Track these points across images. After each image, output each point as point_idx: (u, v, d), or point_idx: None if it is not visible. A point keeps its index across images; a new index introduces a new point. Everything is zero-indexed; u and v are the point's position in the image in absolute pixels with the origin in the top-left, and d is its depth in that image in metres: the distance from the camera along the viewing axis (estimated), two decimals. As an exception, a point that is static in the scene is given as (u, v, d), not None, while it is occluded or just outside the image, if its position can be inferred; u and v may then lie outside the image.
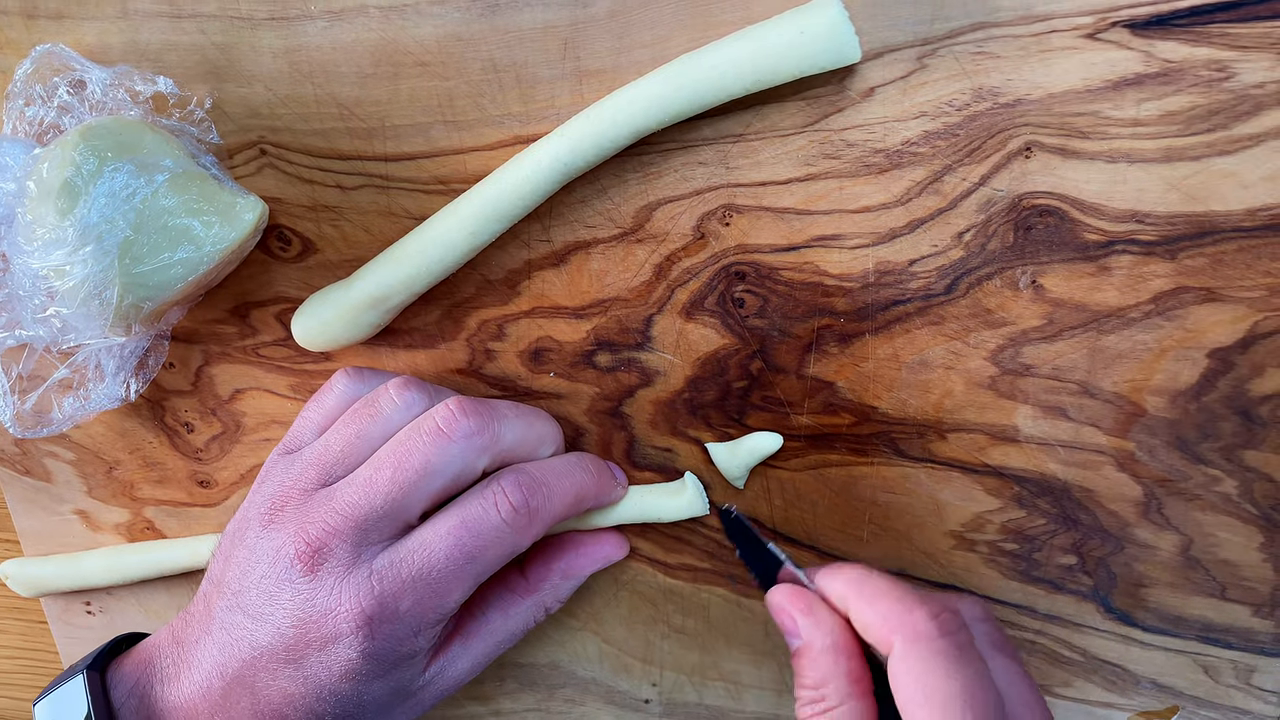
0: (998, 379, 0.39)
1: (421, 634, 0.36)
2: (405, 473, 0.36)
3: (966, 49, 0.34)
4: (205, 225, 0.38)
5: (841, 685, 0.33)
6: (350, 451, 0.38)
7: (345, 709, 0.36)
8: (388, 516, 0.36)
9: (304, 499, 0.37)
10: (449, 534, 0.36)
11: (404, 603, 0.35)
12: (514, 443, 0.39)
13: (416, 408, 0.39)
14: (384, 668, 0.36)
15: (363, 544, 0.36)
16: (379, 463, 0.37)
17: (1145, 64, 0.34)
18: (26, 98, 0.40)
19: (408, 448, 0.36)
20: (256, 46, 0.39)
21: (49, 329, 0.39)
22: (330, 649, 0.35)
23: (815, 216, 0.38)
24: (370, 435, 0.38)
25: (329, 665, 0.35)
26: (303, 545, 0.35)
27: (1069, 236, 0.36)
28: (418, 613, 0.36)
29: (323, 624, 0.35)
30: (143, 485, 0.51)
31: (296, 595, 0.35)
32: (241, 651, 0.36)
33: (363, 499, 0.36)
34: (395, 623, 0.35)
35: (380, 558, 0.36)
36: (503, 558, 0.37)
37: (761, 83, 0.35)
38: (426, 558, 0.36)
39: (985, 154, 0.36)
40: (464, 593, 0.37)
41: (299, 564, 0.35)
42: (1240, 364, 0.37)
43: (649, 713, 0.50)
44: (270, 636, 0.36)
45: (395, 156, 0.40)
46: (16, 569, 0.54)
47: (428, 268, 0.40)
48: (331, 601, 0.35)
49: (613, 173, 0.39)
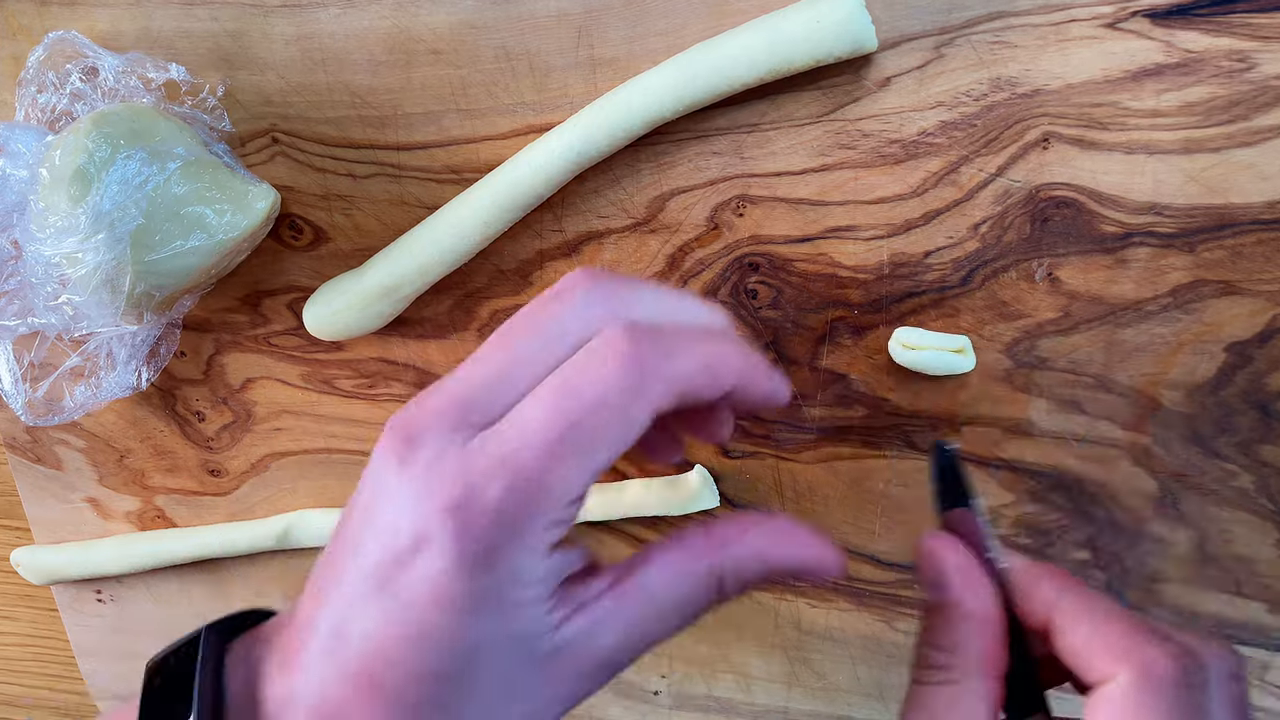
0: (1013, 372, 0.39)
1: (524, 539, 0.28)
2: (509, 341, 0.30)
3: (984, 38, 0.34)
4: (217, 213, 0.38)
5: (974, 660, 0.30)
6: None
7: (455, 664, 0.28)
8: (492, 389, 0.29)
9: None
10: (544, 398, 0.29)
11: (493, 488, 0.28)
12: (643, 304, 0.31)
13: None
14: (486, 592, 0.28)
15: (462, 426, 0.29)
16: (491, 338, 0.30)
17: (1165, 54, 0.33)
18: (39, 85, 0.40)
19: (516, 318, 0.30)
20: (269, 34, 0.39)
21: (61, 316, 0.39)
22: (418, 559, 0.28)
23: (830, 207, 0.38)
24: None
25: (418, 586, 0.28)
26: (396, 435, 0.29)
27: (1086, 228, 0.36)
28: (512, 503, 0.28)
29: (408, 527, 0.28)
30: (153, 474, 0.51)
31: (385, 498, 0.29)
32: (330, 595, 0.29)
33: (466, 371, 0.29)
34: (486, 515, 0.28)
35: (474, 440, 0.29)
36: (612, 435, 0.29)
37: (777, 72, 0.35)
38: (519, 430, 0.28)
39: (1002, 145, 0.35)
40: (570, 481, 0.28)
41: (392, 458, 0.29)
42: (1258, 358, 0.36)
43: (658, 704, 0.50)
44: (360, 560, 0.29)
45: (408, 145, 0.40)
46: (28, 557, 0.54)
47: (440, 257, 0.40)
48: (418, 495, 0.28)
49: (626, 162, 0.39)
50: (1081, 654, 0.29)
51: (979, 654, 0.30)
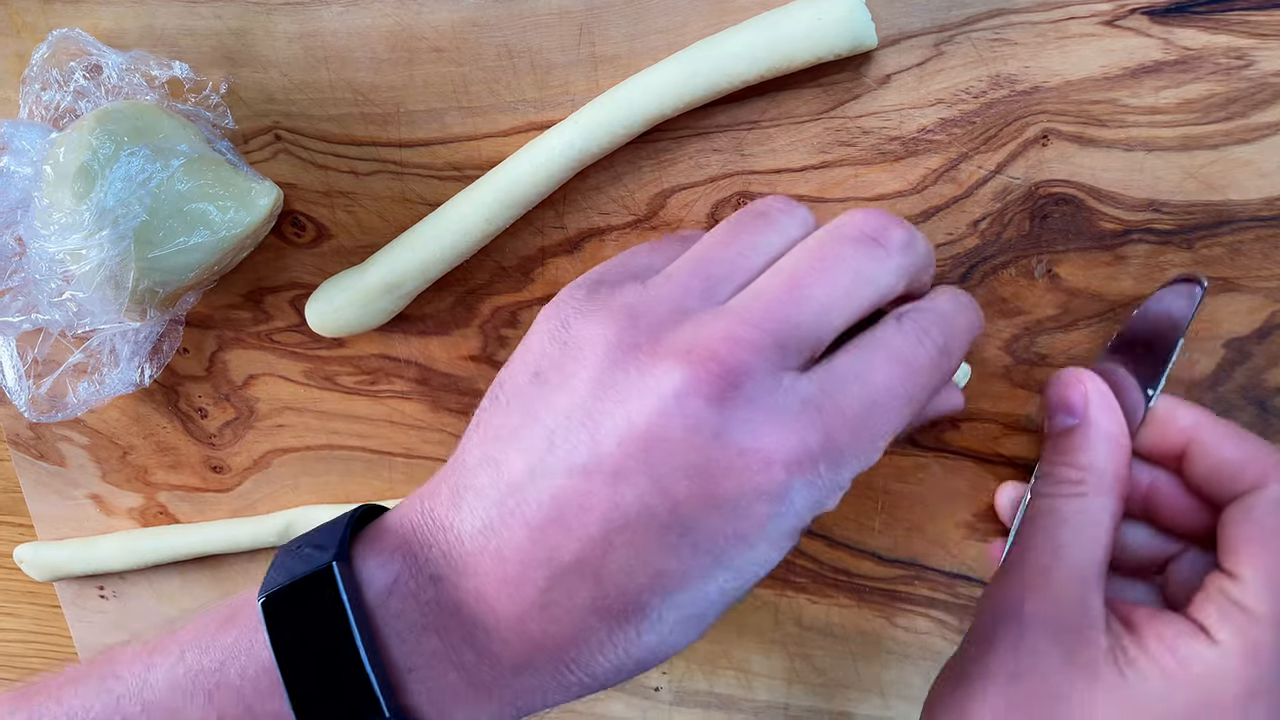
0: (1012, 369, 0.39)
1: (844, 486, 0.27)
2: (835, 280, 0.28)
3: (984, 36, 0.34)
4: (220, 210, 0.39)
5: (1107, 478, 0.33)
6: (743, 261, 0.29)
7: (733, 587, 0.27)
8: (811, 333, 0.27)
9: (681, 318, 0.27)
10: (884, 365, 0.28)
11: (844, 440, 0.27)
12: (922, 266, 0.31)
13: (811, 222, 0.31)
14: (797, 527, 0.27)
15: (783, 366, 0.27)
16: (796, 270, 0.28)
17: (1164, 51, 0.33)
18: (43, 82, 0.40)
19: (834, 252, 0.28)
20: (272, 31, 0.39)
21: (64, 313, 0.39)
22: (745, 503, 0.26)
23: (830, 204, 0.38)
24: (768, 245, 0.30)
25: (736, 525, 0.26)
26: (704, 368, 0.26)
27: (1085, 225, 0.36)
28: (852, 456, 0.27)
29: (737, 469, 0.25)
30: (156, 470, 0.51)
31: (694, 433, 0.26)
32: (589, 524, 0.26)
33: (782, 308, 0.27)
34: (837, 465, 0.27)
35: (805, 385, 0.27)
36: (923, 405, 0.29)
37: (777, 69, 0.35)
38: (866, 390, 0.27)
39: (1002, 142, 0.36)
40: (887, 441, 0.28)
41: (700, 391, 0.25)
42: (1257, 354, 0.36)
43: (659, 700, 0.50)
44: (645, 497, 0.26)
45: (410, 142, 0.40)
46: (31, 553, 0.54)
47: (442, 254, 0.40)
48: (752, 438, 0.25)
49: (627, 159, 0.39)
50: (1227, 469, 0.32)
51: (1113, 473, 0.33)
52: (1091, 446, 0.33)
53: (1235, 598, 0.30)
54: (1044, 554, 0.33)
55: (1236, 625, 0.30)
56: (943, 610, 0.43)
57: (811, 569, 0.44)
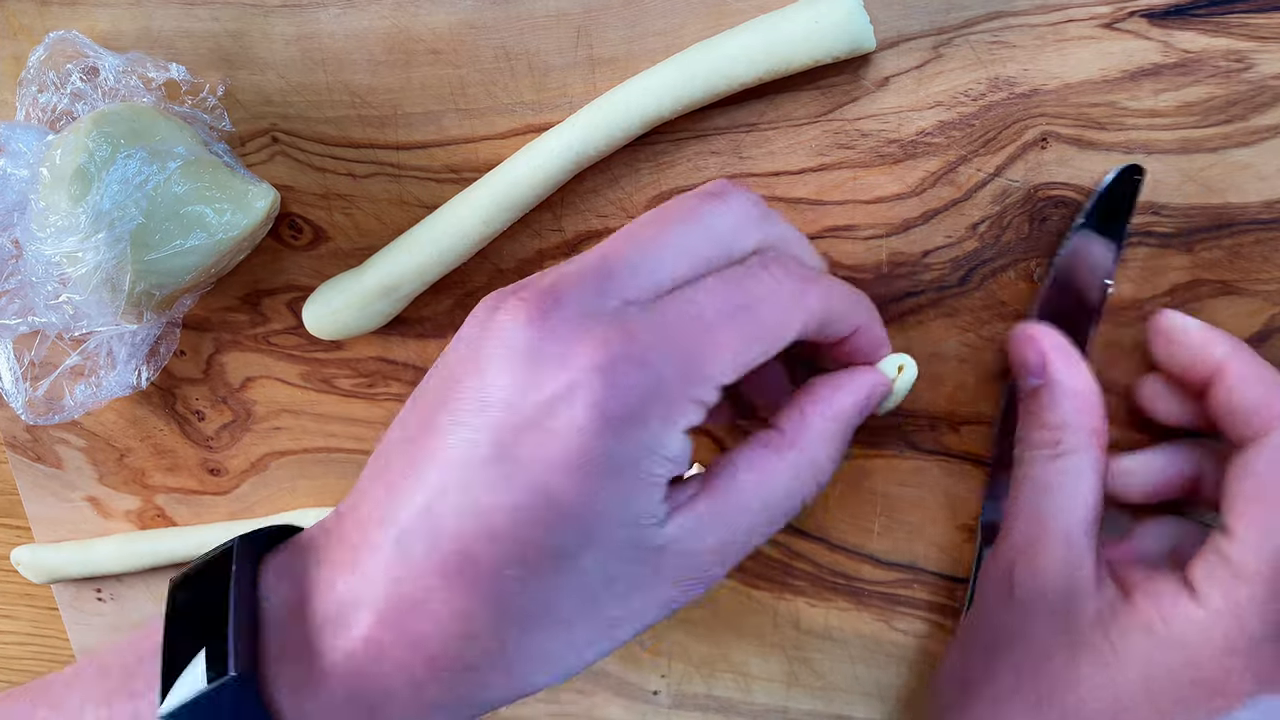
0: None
1: (671, 411, 0.26)
2: (667, 223, 0.28)
3: (983, 38, 0.34)
4: (217, 212, 0.38)
5: (1083, 433, 0.32)
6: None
7: (566, 540, 0.26)
8: (638, 269, 0.27)
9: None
10: (714, 288, 0.28)
11: (651, 353, 0.26)
12: (786, 237, 0.31)
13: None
14: (622, 459, 0.26)
15: (608, 294, 0.27)
16: (642, 224, 0.29)
17: (1163, 54, 0.33)
18: (40, 84, 0.40)
19: (674, 203, 0.29)
20: (269, 34, 0.39)
21: (61, 316, 0.39)
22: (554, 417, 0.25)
23: (829, 207, 0.38)
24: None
25: (549, 447, 0.25)
26: (523, 296, 0.27)
27: (1084, 228, 0.36)
28: (668, 372, 0.26)
29: (545, 379, 0.25)
30: (154, 473, 0.51)
31: (509, 357, 0.26)
32: (416, 476, 0.26)
33: (609, 247, 0.28)
34: (641, 372, 0.26)
35: (632, 308, 0.27)
36: (770, 336, 0.28)
37: (775, 71, 0.35)
38: (688, 306, 0.27)
39: (1001, 144, 0.35)
40: (725, 366, 0.27)
41: (520, 316, 0.26)
42: (1256, 358, 0.36)
43: (658, 704, 0.50)
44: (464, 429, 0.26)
45: (407, 145, 0.40)
46: (28, 555, 0.54)
47: (439, 256, 0.40)
48: (562, 352, 0.26)
49: (625, 162, 0.39)
50: (1242, 412, 0.31)
51: (1087, 427, 0.32)
52: (1058, 404, 0.33)
53: (1225, 553, 0.30)
54: (1030, 522, 0.33)
55: (1221, 581, 0.30)
56: (942, 614, 0.43)
57: (810, 572, 0.44)
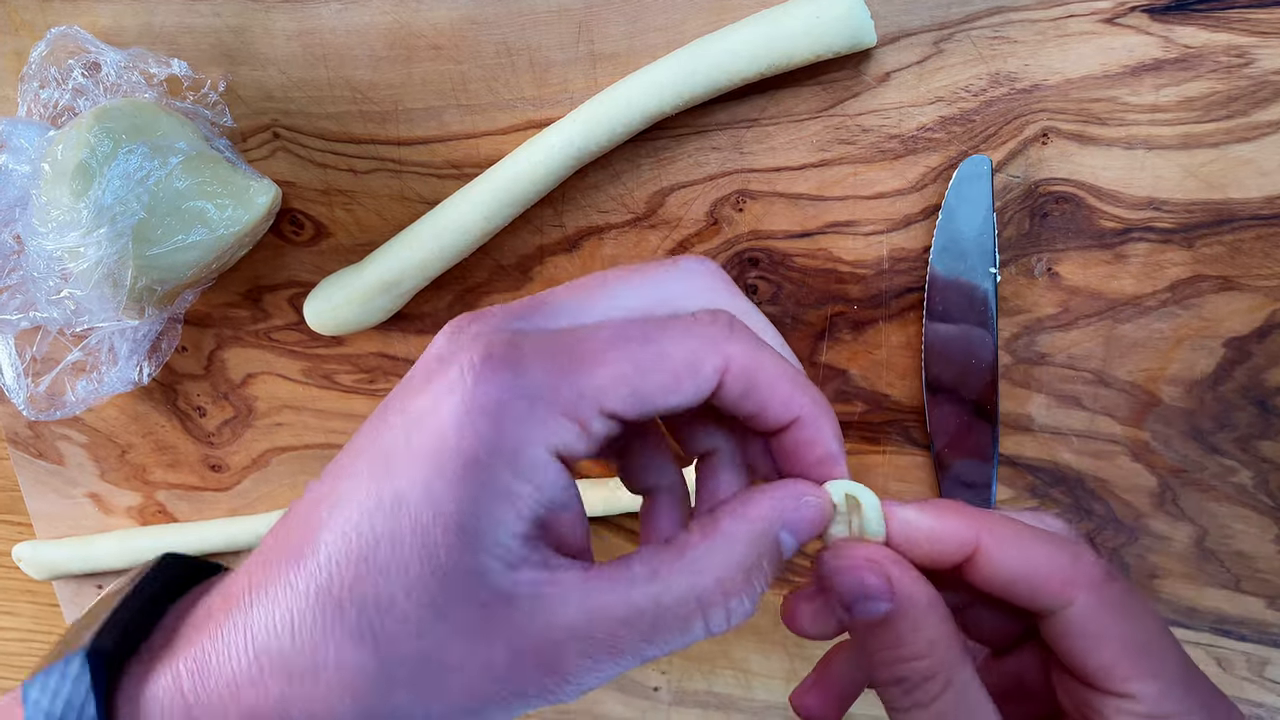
0: (1011, 368, 0.39)
1: (534, 417, 0.25)
2: (609, 277, 0.28)
3: (984, 34, 0.34)
4: (218, 208, 0.38)
5: (955, 652, 0.26)
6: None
7: (397, 526, 0.24)
8: (565, 306, 0.27)
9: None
10: (622, 323, 0.27)
11: (533, 357, 0.25)
12: (747, 313, 0.29)
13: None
14: (471, 452, 0.24)
15: (524, 319, 0.27)
16: (591, 276, 0.29)
17: (1164, 49, 0.33)
18: (41, 80, 0.40)
19: (630, 265, 0.29)
20: (270, 30, 0.39)
21: (63, 311, 0.39)
22: (427, 390, 0.25)
23: (829, 202, 0.38)
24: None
25: (414, 419, 0.25)
26: (453, 324, 0.27)
27: (1085, 224, 0.36)
28: (541, 378, 0.25)
29: (433, 366, 0.26)
30: (155, 469, 0.51)
31: (424, 361, 0.27)
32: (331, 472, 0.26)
33: (551, 291, 0.28)
34: (512, 372, 0.25)
35: (536, 329, 0.27)
36: (683, 369, 0.26)
37: (776, 67, 0.35)
38: (587, 327, 0.27)
39: (1002, 140, 0.35)
40: (614, 384, 0.25)
41: (444, 331, 0.27)
42: (1257, 354, 0.36)
43: (658, 700, 0.50)
44: (365, 428, 0.27)
45: (408, 140, 0.40)
46: (29, 552, 0.54)
47: (440, 252, 0.40)
48: (456, 350, 0.26)
49: (626, 158, 0.39)
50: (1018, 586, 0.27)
51: (956, 642, 0.27)
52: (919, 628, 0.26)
53: (1148, 712, 0.26)
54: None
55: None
56: (942, 610, 0.43)
57: (812, 568, 0.44)
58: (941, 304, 0.37)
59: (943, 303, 0.37)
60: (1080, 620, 0.26)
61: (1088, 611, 0.26)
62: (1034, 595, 0.27)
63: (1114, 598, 0.26)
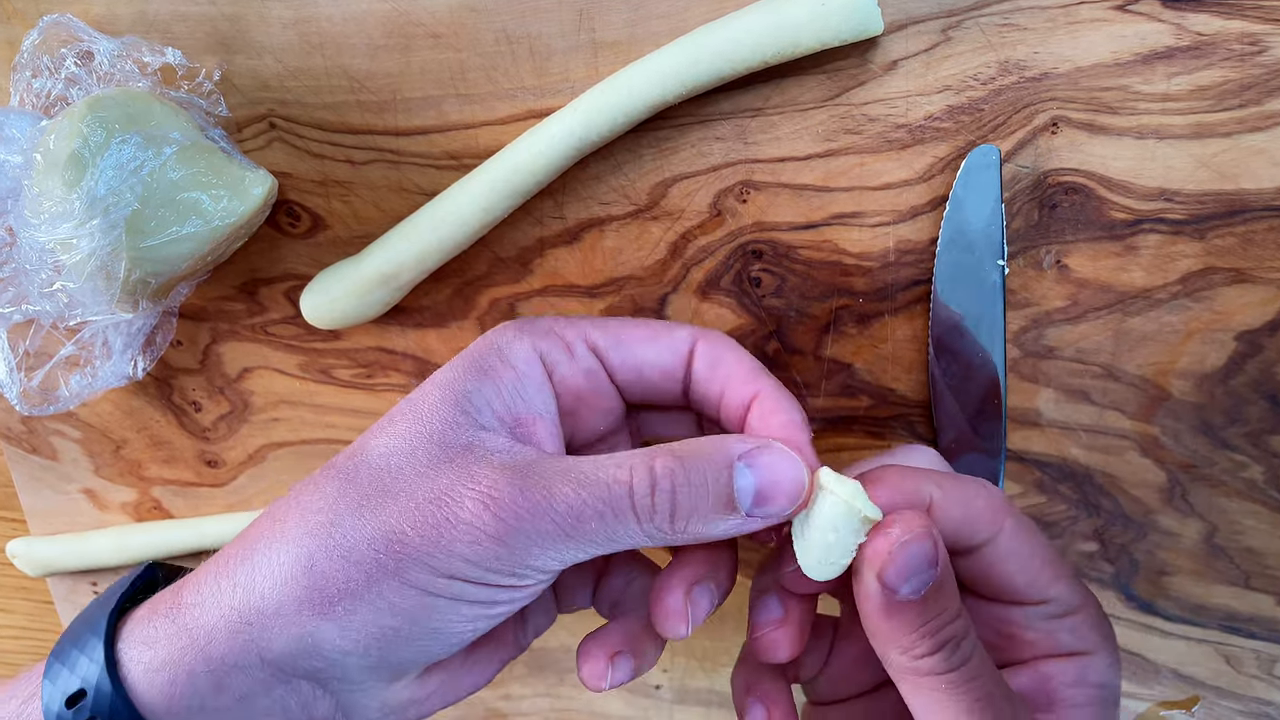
0: (1019, 361, 0.38)
1: (529, 336, 0.31)
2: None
3: (992, 21, 0.34)
4: (213, 199, 0.38)
5: (966, 617, 0.28)
6: None
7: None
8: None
9: None
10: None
11: (542, 319, 0.33)
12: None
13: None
14: (479, 356, 0.31)
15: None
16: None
17: (1176, 37, 0.33)
18: (34, 69, 0.39)
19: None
20: (266, 17, 0.39)
21: (55, 304, 0.38)
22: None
23: (835, 193, 0.37)
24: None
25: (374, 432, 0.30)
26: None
27: (1095, 215, 0.35)
28: (544, 321, 0.32)
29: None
30: (150, 464, 0.50)
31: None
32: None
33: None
34: (524, 320, 0.32)
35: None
36: (659, 329, 0.32)
37: (781, 55, 0.34)
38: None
39: (1010, 129, 0.35)
40: (601, 327, 0.33)
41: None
42: (1269, 347, 0.36)
43: (660, 699, 0.49)
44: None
45: (406, 130, 0.40)
46: (23, 548, 0.53)
47: (439, 244, 0.39)
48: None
49: (628, 148, 0.38)
50: (965, 526, 0.29)
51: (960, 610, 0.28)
52: (948, 595, 0.28)
53: (1064, 610, 0.30)
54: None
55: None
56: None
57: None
58: (948, 297, 0.36)
59: (950, 295, 0.36)
60: (1007, 544, 0.30)
61: (1012, 536, 0.30)
62: (974, 532, 0.30)
63: (1024, 521, 0.30)
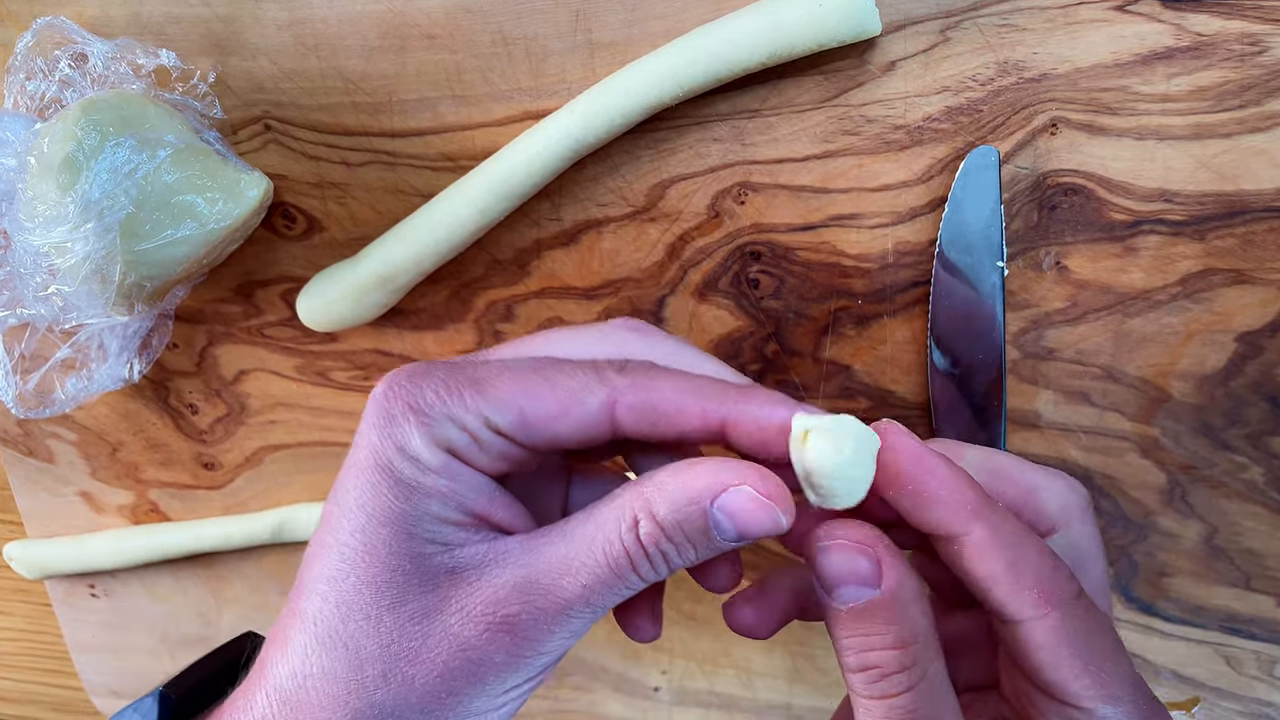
0: (1019, 363, 0.38)
1: (422, 419, 0.27)
2: (530, 335, 0.30)
3: (991, 21, 0.33)
4: (208, 202, 0.38)
5: (931, 648, 0.26)
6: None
7: (345, 536, 0.27)
8: (489, 355, 0.30)
9: None
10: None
11: (432, 382, 0.27)
12: (674, 352, 0.31)
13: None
14: (379, 449, 0.27)
15: (450, 361, 0.29)
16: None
17: (1176, 37, 0.32)
18: (28, 71, 0.39)
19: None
20: (260, 19, 0.38)
21: (50, 307, 0.38)
22: (361, 419, 0.28)
23: (833, 195, 0.37)
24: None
25: (354, 446, 0.28)
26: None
27: (1095, 216, 0.35)
28: (431, 392, 0.27)
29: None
30: (147, 467, 0.50)
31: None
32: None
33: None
34: (410, 384, 0.27)
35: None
36: (570, 394, 0.28)
37: (779, 56, 0.34)
38: (487, 360, 0.29)
39: (1009, 130, 0.35)
40: (499, 401, 0.27)
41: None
42: (1269, 348, 0.36)
43: (659, 700, 0.49)
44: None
45: (402, 132, 0.39)
46: (20, 551, 0.53)
47: (435, 246, 0.39)
48: (384, 380, 0.29)
49: (625, 149, 0.38)
50: (1001, 588, 0.26)
51: (933, 632, 0.26)
52: (904, 616, 0.26)
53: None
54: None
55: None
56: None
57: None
58: (947, 298, 0.36)
59: (949, 297, 0.36)
60: (1044, 632, 0.25)
61: (1053, 625, 0.25)
62: (1004, 607, 0.26)
63: (1080, 611, 0.26)
